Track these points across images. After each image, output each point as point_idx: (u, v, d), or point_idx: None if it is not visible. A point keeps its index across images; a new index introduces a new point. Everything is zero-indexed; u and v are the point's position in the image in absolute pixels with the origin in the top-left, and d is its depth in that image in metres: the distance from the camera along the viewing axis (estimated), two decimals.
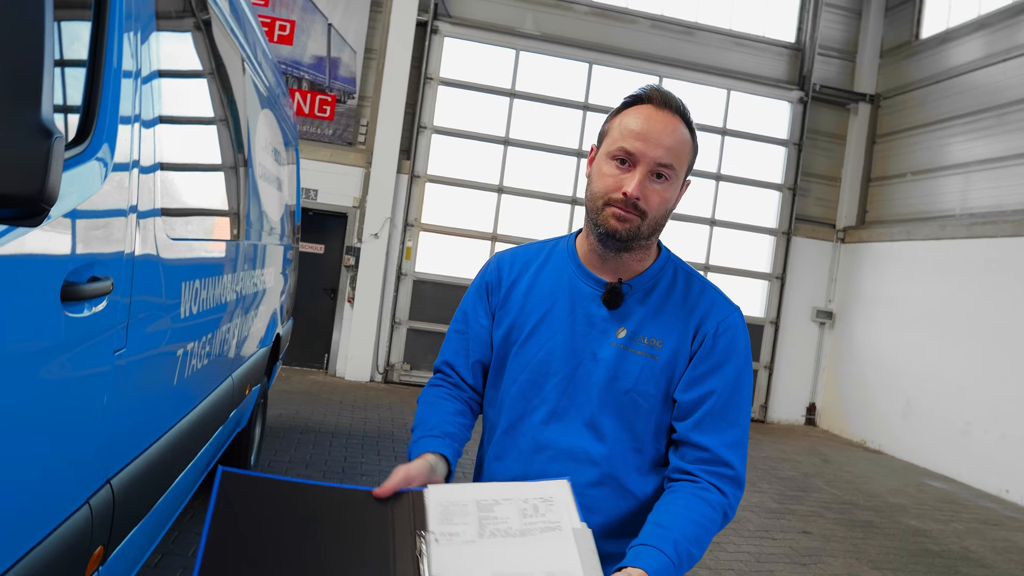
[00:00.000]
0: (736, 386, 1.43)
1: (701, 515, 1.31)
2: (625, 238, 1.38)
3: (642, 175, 1.35)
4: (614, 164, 1.38)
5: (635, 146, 1.35)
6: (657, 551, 1.23)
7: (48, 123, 0.73)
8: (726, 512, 1.37)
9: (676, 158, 1.37)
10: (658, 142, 1.35)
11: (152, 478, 2.09)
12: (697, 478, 1.37)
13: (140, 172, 1.74)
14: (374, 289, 9.59)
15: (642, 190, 1.35)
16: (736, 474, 1.39)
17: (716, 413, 1.40)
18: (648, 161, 1.35)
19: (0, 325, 1.16)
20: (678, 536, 1.26)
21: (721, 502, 1.35)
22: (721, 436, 1.39)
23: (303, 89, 9.62)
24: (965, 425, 8.39)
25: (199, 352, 2.53)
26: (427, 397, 1.58)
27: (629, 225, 1.37)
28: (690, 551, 1.27)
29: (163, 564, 3.51)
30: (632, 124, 1.37)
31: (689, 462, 1.39)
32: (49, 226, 1.27)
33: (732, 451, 1.39)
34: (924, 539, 5.78)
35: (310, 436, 6.32)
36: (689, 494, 1.35)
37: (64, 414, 1.46)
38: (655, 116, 1.37)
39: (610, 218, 1.37)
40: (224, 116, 3.02)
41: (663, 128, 1.36)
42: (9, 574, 1.28)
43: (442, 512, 1.22)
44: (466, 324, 1.60)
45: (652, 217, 1.38)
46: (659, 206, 1.38)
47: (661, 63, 10.32)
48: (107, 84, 1.54)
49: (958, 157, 9.24)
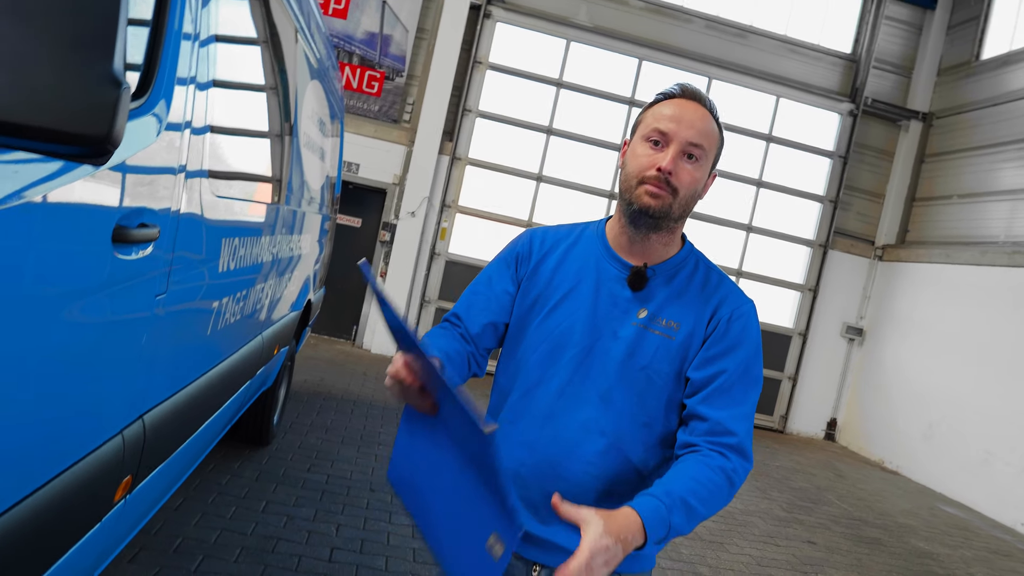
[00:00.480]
0: (746, 369, 1.50)
1: (699, 473, 1.37)
2: (657, 215, 1.47)
3: (675, 152, 1.45)
4: (648, 145, 1.48)
5: (668, 127, 1.45)
6: (649, 496, 1.30)
7: (119, 74, 0.83)
8: (729, 476, 1.40)
9: (706, 140, 1.47)
10: (690, 124, 1.45)
11: (181, 420, 2.21)
12: (700, 448, 1.43)
13: (192, 130, 1.85)
14: (407, 266, 9.73)
15: (675, 166, 1.44)
16: (739, 441, 1.43)
17: (724, 390, 1.47)
18: (681, 140, 1.45)
19: (58, 259, 1.27)
20: (672, 487, 1.32)
21: (723, 465, 1.39)
22: (727, 410, 1.45)
23: (353, 64, 9.76)
24: (986, 454, 8.30)
25: (233, 307, 2.65)
26: (435, 330, 1.61)
27: (661, 202, 1.46)
28: (685, 499, 1.30)
29: (183, 508, 3.67)
30: (665, 111, 1.48)
31: (695, 435, 1.45)
32: (106, 172, 1.38)
33: (736, 422, 1.44)
34: (930, 561, 5.77)
35: (332, 403, 6.48)
36: (690, 459, 1.41)
37: (107, 348, 1.58)
38: (686, 105, 1.48)
39: (644, 195, 1.46)
40: (274, 84, 3.13)
41: (694, 113, 1.47)
42: (48, 487, 1.40)
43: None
44: (489, 287, 1.64)
45: (682, 195, 1.47)
46: (690, 185, 1.47)
47: (712, 64, 10.28)
48: (168, 45, 1.65)
49: (1007, 183, 9.09)
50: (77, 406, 1.49)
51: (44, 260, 1.23)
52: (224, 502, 3.85)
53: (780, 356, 10.76)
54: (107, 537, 1.82)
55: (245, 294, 2.86)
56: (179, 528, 3.45)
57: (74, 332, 1.39)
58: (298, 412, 5.88)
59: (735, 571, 4.57)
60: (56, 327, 1.32)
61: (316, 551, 3.54)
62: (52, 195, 1.20)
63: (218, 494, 3.94)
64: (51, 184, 1.19)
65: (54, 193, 1.20)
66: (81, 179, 1.26)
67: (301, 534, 3.69)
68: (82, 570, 1.74)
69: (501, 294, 1.63)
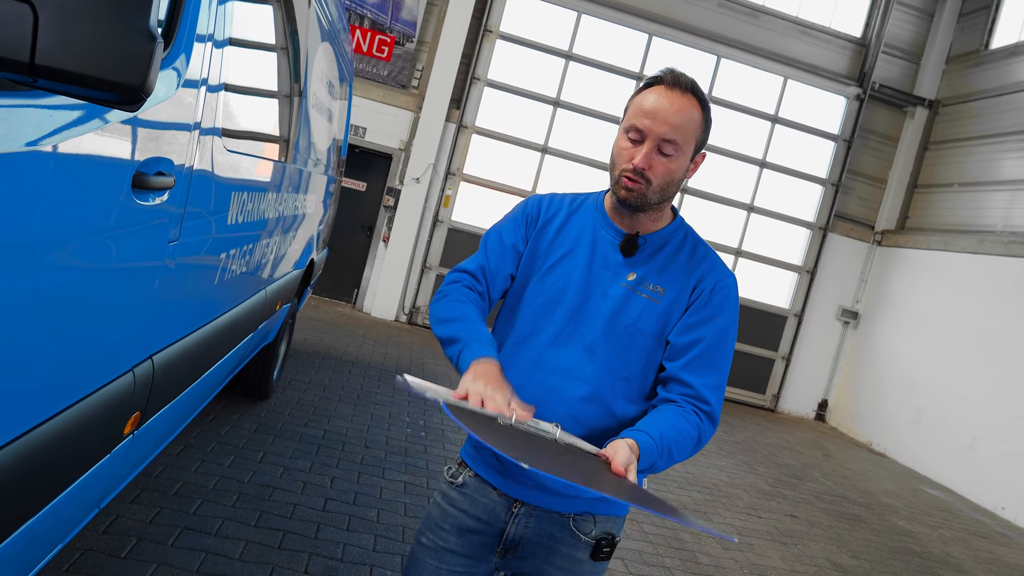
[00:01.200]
0: (723, 338, 1.65)
1: (679, 424, 1.53)
2: (634, 204, 1.60)
3: (649, 148, 1.55)
4: (628, 139, 1.58)
5: (644, 123, 1.55)
6: (644, 433, 1.46)
7: (153, 29, 0.92)
8: (700, 434, 1.56)
9: (681, 135, 1.54)
10: (664, 119, 1.53)
11: (187, 363, 2.32)
12: (677, 402, 1.59)
13: (207, 87, 1.93)
14: (409, 232, 9.81)
15: (648, 162, 1.55)
16: (712, 410, 1.60)
17: (703, 357, 1.61)
18: (654, 137, 1.54)
19: (83, 198, 1.37)
20: (664, 432, 1.48)
21: (697, 423, 1.56)
22: (704, 378, 1.61)
23: (364, 27, 9.75)
24: (971, 440, 8.45)
25: (239, 259, 2.75)
26: (459, 294, 1.68)
27: (636, 192, 1.58)
28: (670, 447, 1.48)
29: (184, 455, 3.79)
30: (644, 103, 1.56)
31: (673, 393, 1.61)
32: (129, 121, 1.47)
33: (711, 392, 1.61)
34: (908, 539, 5.92)
35: (331, 362, 6.60)
36: (670, 409, 1.57)
37: (122, 287, 1.68)
38: (665, 95, 1.55)
39: (621, 188, 1.59)
40: (285, 45, 3.19)
41: (671, 107, 1.54)
42: (65, 414, 1.51)
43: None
44: (501, 243, 1.73)
45: (657, 185, 1.58)
46: (664, 176, 1.57)
47: (721, 43, 10.27)
48: (189, 2, 1.72)
49: (1007, 174, 9.14)
50: (94, 339, 1.59)
51: (70, 198, 1.32)
52: (223, 451, 3.98)
53: (775, 336, 10.89)
54: (115, 469, 1.94)
55: (251, 248, 2.95)
56: (179, 473, 3.58)
57: (93, 268, 1.49)
58: (297, 369, 6.00)
59: (716, 539, 4.72)
60: (77, 262, 1.41)
61: (310, 501, 3.67)
62: (80, 140, 1.29)
63: (217, 443, 4.06)
64: (79, 129, 1.28)
65: (82, 138, 1.29)
66: (106, 126, 1.34)
67: (296, 484, 3.82)
68: (90, 499, 1.85)
69: (511, 250, 1.74)
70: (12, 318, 1.24)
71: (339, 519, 3.55)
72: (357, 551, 3.29)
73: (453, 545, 1.69)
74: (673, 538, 4.50)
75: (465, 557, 1.69)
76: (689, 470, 6.22)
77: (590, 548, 1.65)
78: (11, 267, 1.19)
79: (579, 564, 1.66)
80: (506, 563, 1.70)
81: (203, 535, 3.08)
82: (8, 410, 1.29)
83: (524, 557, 1.67)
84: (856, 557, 5.11)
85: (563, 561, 1.65)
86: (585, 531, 1.64)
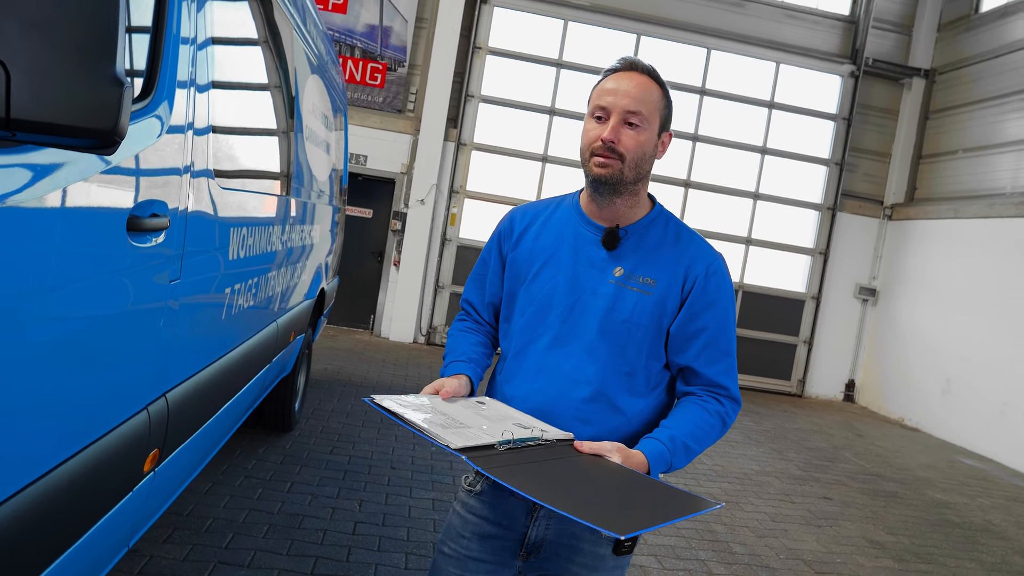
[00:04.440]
0: (726, 321, 1.69)
1: (698, 418, 1.63)
2: (611, 181, 1.61)
3: (615, 123, 1.59)
4: (593, 121, 1.63)
5: (607, 100, 1.60)
6: (654, 440, 1.56)
7: (120, 75, 0.97)
8: (723, 419, 1.66)
9: (644, 106, 1.59)
10: (626, 93, 1.59)
11: (201, 399, 2.38)
12: (698, 394, 1.68)
13: (195, 125, 2.00)
14: (419, 254, 9.89)
15: (616, 134, 1.59)
16: (730, 392, 1.69)
17: (711, 345, 1.66)
18: (619, 110, 1.58)
19: (80, 246, 1.43)
20: (675, 432, 1.58)
21: (718, 410, 1.65)
22: (716, 366, 1.67)
23: (355, 57, 9.88)
24: (1003, 405, 8.35)
25: (245, 293, 2.81)
26: (454, 331, 1.88)
27: (611, 168, 1.60)
28: (686, 444, 1.57)
29: (212, 491, 3.85)
30: (605, 86, 1.62)
31: (691, 385, 1.69)
32: (117, 169, 1.53)
33: (726, 377, 1.68)
34: (947, 511, 5.87)
35: (352, 389, 6.66)
36: (689, 403, 1.67)
37: (129, 328, 1.73)
38: (622, 76, 1.61)
39: (595, 166, 1.61)
40: (274, 82, 3.27)
41: (629, 83, 1.60)
42: (82, 455, 1.56)
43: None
44: (484, 269, 1.87)
45: (630, 159, 1.60)
46: (635, 148, 1.60)
47: (710, 35, 10.30)
48: (167, 50, 1.79)
49: (1012, 134, 9.07)
50: (104, 381, 1.65)
51: (68, 247, 1.38)
52: (251, 484, 4.04)
53: (794, 321, 10.84)
54: (140, 507, 1.99)
55: (257, 282, 3.01)
56: (209, 510, 3.63)
57: (96, 312, 1.54)
58: (319, 399, 6.06)
59: (750, 528, 4.70)
60: (82, 308, 1.47)
61: (340, 525, 3.71)
62: (69, 190, 1.35)
63: (245, 477, 4.12)
64: (67, 180, 1.34)
65: (70, 189, 1.35)
66: (93, 175, 1.40)
67: (325, 511, 3.86)
68: (118, 538, 1.90)
69: (493, 276, 1.83)
70: (19, 365, 1.29)
71: (370, 541, 3.59)
72: (389, 570, 3.32)
73: (475, 552, 1.71)
74: (706, 531, 4.50)
75: (488, 563, 1.70)
76: (718, 462, 6.20)
77: (612, 543, 1.67)
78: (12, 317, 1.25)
79: (602, 560, 1.68)
80: (529, 565, 1.71)
81: (236, 568, 3.13)
82: (22, 454, 1.35)
83: (547, 558, 1.69)
84: (894, 533, 5.07)
85: (586, 559, 1.67)
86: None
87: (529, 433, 1.50)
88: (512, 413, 1.62)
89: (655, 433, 1.58)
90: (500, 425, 1.52)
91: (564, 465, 1.46)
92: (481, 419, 1.54)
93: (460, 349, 1.78)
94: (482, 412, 1.59)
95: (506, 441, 1.45)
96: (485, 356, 1.80)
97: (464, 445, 1.39)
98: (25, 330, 1.28)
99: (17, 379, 1.28)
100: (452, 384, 1.66)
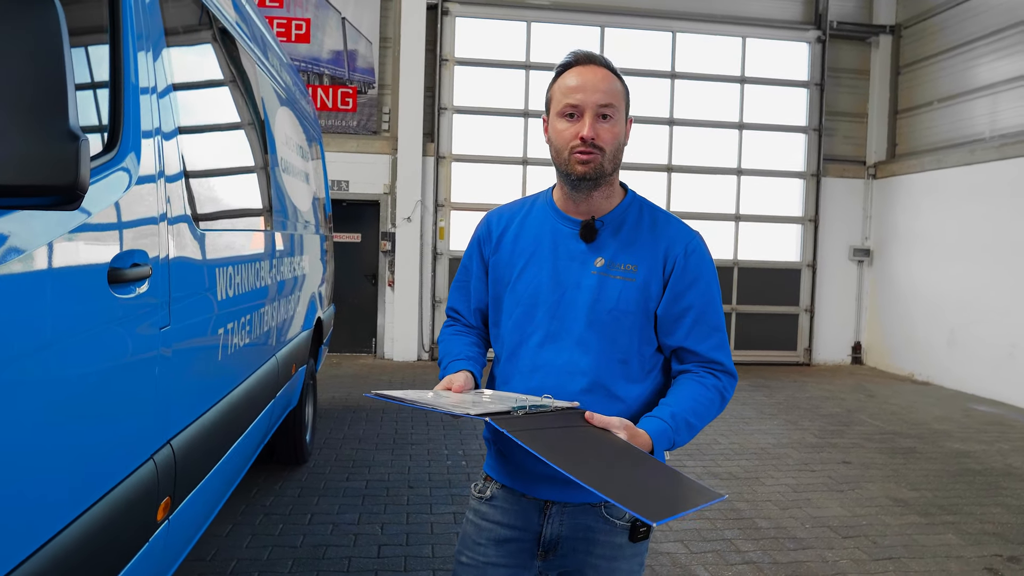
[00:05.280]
0: (711, 297, 1.69)
1: (697, 393, 1.63)
2: (593, 176, 1.62)
3: (591, 119, 1.59)
4: (565, 120, 1.62)
5: (576, 98, 1.59)
6: (655, 418, 1.56)
7: (75, 129, 0.98)
8: (722, 393, 1.67)
9: (613, 98, 1.61)
10: (595, 88, 1.59)
11: (208, 442, 2.37)
12: (694, 371, 1.68)
13: (166, 173, 2.00)
14: (412, 271, 9.89)
15: (594, 130, 1.59)
16: (724, 367, 1.69)
17: (699, 322, 1.67)
18: (591, 106, 1.59)
19: (62, 305, 1.43)
20: (675, 409, 1.58)
21: (715, 384, 1.66)
22: (707, 342, 1.68)
23: (324, 84, 9.90)
24: (1010, 348, 8.36)
25: (240, 331, 2.81)
26: (445, 336, 1.88)
27: (593, 164, 1.61)
28: (687, 420, 1.58)
29: (233, 533, 3.85)
30: (568, 83, 1.62)
31: (687, 363, 1.70)
32: (89, 225, 1.53)
33: (719, 352, 1.69)
34: (967, 460, 5.86)
35: (362, 414, 6.66)
36: (687, 380, 1.67)
37: (122, 382, 1.73)
38: (584, 71, 1.61)
39: (576, 164, 1.61)
40: (243, 120, 3.28)
41: (594, 77, 1.60)
42: (91, 511, 1.56)
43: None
44: (467, 276, 1.87)
45: (609, 151, 1.62)
46: (612, 140, 1.62)
47: (673, 18, 10.33)
48: (128, 102, 1.79)
49: (984, 79, 9.10)
50: (105, 435, 1.65)
51: (49, 309, 1.38)
52: (271, 521, 4.03)
53: (793, 290, 10.85)
54: (158, 556, 1.99)
55: (250, 319, 3.01)
56: (232, 552, 3.63)
57: (89, 369, 1.55)
58: (330, 428, 6.06)
59: (772, 501, 4.70)
60: (70, 367, 1.47)
61: (364, 551, 3.71)
62: (42, 252, 1.35)
63: (264, 515, 4.11)
64: (41, 242, 1.34)
65: (43, 250, 1.35)
66: (67, 234, 1.41)
67: (348, 538, 3.86)
68: None
69: (477, 281, 1.84)
70: (11, 430, 1.29)
71: (395, 562, 3.59)
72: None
73: (493, 558, 1.71)
74: (729, 510, 4.50)
75: (507, 567, 1.71)
76: (734, 440, 6.20)
77: (627, 531, 1.67)
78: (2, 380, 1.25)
79: (620, 549, 1.68)
80: (549, 564, 1.72)
81: None
82: (26, 520, 1.35)
83: (565, 554, 1.69)
84: (916, 488, 5.06)
85: (604, 549, 1.68)
86: (618, 515, 1.67)
87: (539, 401, 1.51)
88: (514, 395, 1.62)
89: (656, 411, 1.58)
90: (506, 402, 1.52)
91: (578, 434, 1.45)
92: (487, 399, 1.55)
93: (456, 350, 1.78)
94: (484, 397, 1.59)
95: (521, 407, 1.45)
96: (481, 354, 1.81)
97: (482, 412, 1.39)
98: (14, 395, 1.28)
99: (12, 445, 1.28)
100: (460, 379, 1.64)
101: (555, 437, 1.40)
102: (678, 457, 5.58)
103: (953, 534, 4.23)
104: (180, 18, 2.44)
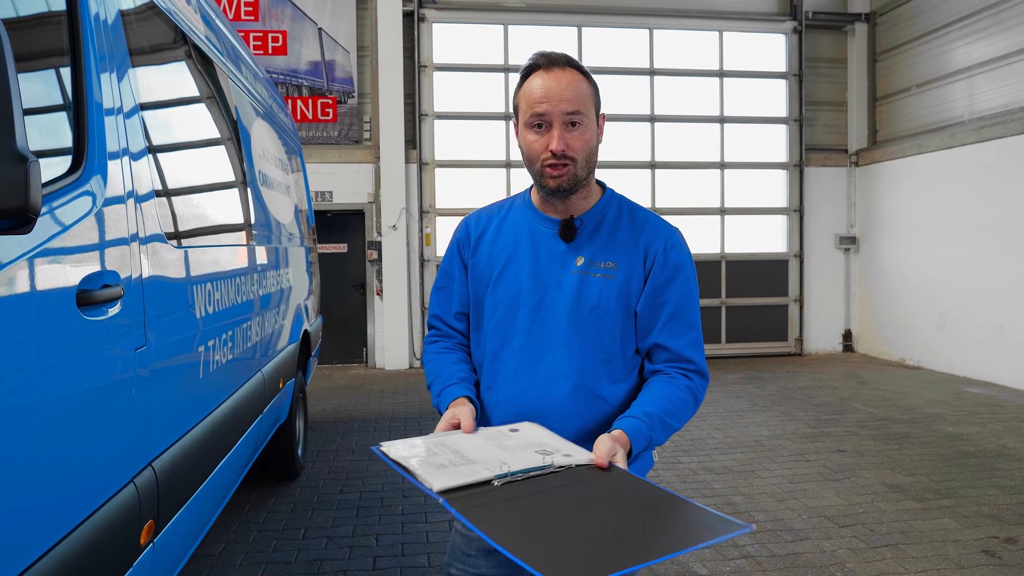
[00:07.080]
0: (688, 294, 1.67)
1: (670, 393, 1.60)
2: (568, 187, 1.61)
3: (559, 130, 1.57)
4: (533, 131, 1.60)
5: (542, 108, 1.57)
6: (630, 417, 1.53)
7: (23, 150, 0.95)
8: (694, 393, 1.64)
9: (580, 104, 1.58)
10: (560, 96, 1.56)
11: (192, 462, 2.34)
12: (665, 372, 1.65)
13: (137, 192, 1.97)
14: (400, 279, 9.85)
15: (563, 142, 1.57)
16: (697, 367, 1.66)
17: (675, 318, 1.65)
18: (558, 115, 1.56)
19: (28, 329, 1.40)
20: (649, 409, 1.55)
21: (688, 385, 1.63)
22: (682, 339, 1.65)
23: (303, 96, 9.86)
24: (999, 329, 8.40)
25: (222, 348, 2.78)
26: (430, 355, 1.82)
27: (565, 176, 1.60)
28: (663, 419, 1.55)
29: (227, 552, 3.81)
30: (533, 91, 1.59)
31: (658, 363, 1.66)
32: (51, 247, 1.50)
33: (692, 350, 1.66)
34: (960, 442, 5.87)
35: (355, 425, 6.62)
36: (659, 381, 1.64)
37: (97, 405, 1.70)
38: (548, 77, 1.58)
39: (548, 178, 1.61)
40: (218, 135, 3.25)
41: (558, 84, 1.57)
42: (71, 537, 1.53)
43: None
44: (448, 280, 1.84)
45: (581, 159, 1.60)
46: (583, 148, 1.59)
47: (650, 15, 10.35)
48: (92, 123, 1.76)
49: (960, 62, 9.15)
50: (80, 462, 1.62)
51: (13, 335, 1.35)
52: (264, 538, 4.00)
53: (781, 281, 10.87)
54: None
55: (232, 335, 2.98)
56: (226, 571, 3.59)
57: (61, 393, 1.52)
58: (323, 440, 6.02)
59: (768, 493, 4.69)
60: (41, 392, 1.44)
61: (359, 563, 3.67)
62: (5, 277, 1.32)
63: (257, 531, 4.08)
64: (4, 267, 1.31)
65: (6, 274, 1.33)
66: (25, 259, 1.38)
67: (343, 551, 3.82)
68: None
69: (458, 284, 1.81)
70: None
71: (391, 573, 3.56)
72: None
73: (483, 568, 1.70)
74: (725, 504, 4.49)
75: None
76: (728, 434, 6.20)
77: None
78: None
79: None
80: None
81: None
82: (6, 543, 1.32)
83: None
84: (911, 474, 5.07)
85: None
86: None
87: (540, 461, 1.38)
88: (543, 437, 1.51)
89: (630, 411, 1.55)
90: (517, 455, 1.41)
91: (570, 492, 1.31)
92: (500, 451, 1.43)
93: (447, 372, 1.72)
94: (505, 443, 1.47)
95: (503, 475, 1.32)
96: (471, 372, 1.76)
97: (447, 486, 1.28)
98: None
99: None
100: (464, 412, 1.57)
101: (528, 504, 1.26)
102: (672, 453, 5.57)
103: (949, 518, 4.23)
104: (147, 36, 2.41)
